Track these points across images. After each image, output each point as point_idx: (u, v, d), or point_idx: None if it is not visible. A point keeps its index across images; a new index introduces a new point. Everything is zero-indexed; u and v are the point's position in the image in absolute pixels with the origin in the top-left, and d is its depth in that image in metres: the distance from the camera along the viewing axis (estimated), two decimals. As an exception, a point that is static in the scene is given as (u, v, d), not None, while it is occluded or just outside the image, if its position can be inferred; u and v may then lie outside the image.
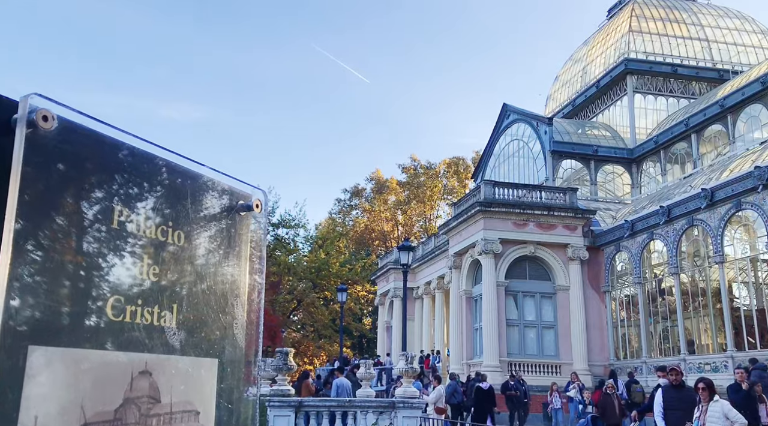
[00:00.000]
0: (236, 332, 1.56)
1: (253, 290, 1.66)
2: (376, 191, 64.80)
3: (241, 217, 1.61)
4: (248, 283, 1.64)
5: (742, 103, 27.38)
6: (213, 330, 1.47)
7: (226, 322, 1.53)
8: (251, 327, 1.63)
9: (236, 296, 1.57)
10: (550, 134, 33.25)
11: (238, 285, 1.58)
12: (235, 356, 1.55)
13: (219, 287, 1.52)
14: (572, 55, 43.29)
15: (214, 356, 1.48)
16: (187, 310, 1.40)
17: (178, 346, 1.36)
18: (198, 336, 1.43)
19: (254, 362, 1.65)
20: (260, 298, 1.67)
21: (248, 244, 1.64)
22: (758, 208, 19.57)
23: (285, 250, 50.81)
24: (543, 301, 26.64)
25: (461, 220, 28.08)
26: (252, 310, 1.64)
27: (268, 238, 11.44)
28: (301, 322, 54.78)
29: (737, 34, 36.92)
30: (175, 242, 1.40)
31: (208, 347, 1.46)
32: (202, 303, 1.45)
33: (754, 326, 20.30)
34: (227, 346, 1.52)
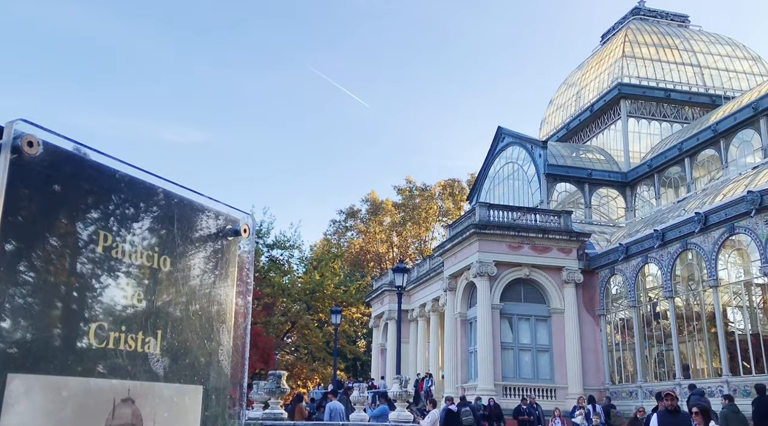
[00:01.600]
0: (222, 358, 1.54)
1: (239, 315, 1.65)
2: (372, 212, 64.83)
3: (228, 242, 1.61)
4: (235, 308, 1.63)
5: (735, 129, 27.62)
6: (198, 356, 1.46)
7: (211, 348, 1.52)
8: (237, 353, 1.62)
9: (222, 322, 1.56)
10: (545, 157, 33.42)
11: (224, 310, 1.57)
12: (220, 383, 1.54)
13: (205, 313, 1.51)
14: (566, 79, 43.71)
15: (198, 383, 1.46)
16: (172, 337, 1.39)
17: (162, 373, 1.35)
18: (183, 363, 1.42)
19: (240, 389, 1.64)
20: (246, 323, 1.67)
21: (235, 269, 1.63)
22: (751, 232, 19.64)
23: (279, 271, 50.59)
24: (538, 324, 26.54)
25: (456, 242, 28.07)
26: (238, 336, 1.63)
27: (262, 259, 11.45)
28: (295, 344, 54.34)
29: (729, 61, 37.39)
30: (162, 268, 1.39)
31: (193, 374, 1.45)
32: (188, 329, 1.44)
33: (748, 351, 20.24)
34: (212, 372, 1.51)
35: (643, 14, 40.99)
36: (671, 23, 40.52)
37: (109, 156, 1.30)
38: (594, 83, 38.56)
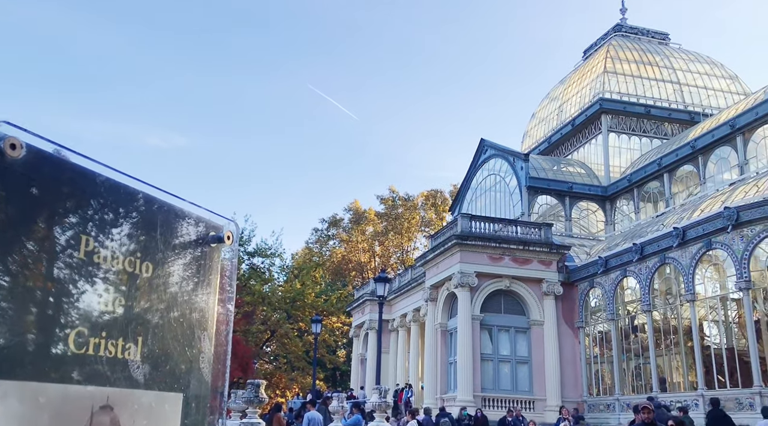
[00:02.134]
0: (203, 366, 1.53)
1: (221, 323, 1.64)
2: (354, 222, 64.76)
3: (211, 248, 1.60)
4: (217, 315, 1.61)
5: (712, 145, 28.08)
6: (179, 363, 1.45)
7: (192, 355, 1.50)
8: (218, 360, 1.60)
9: (204, 329, 1.55)
10: (527, 170, 33.69)
11: (206, 318, 1.56)
12: (200, 391, 1.52)
13: (187, 320, 1.50)
14: (549, 94, 44.17)
15: (179, 391, 1.45)
16: (153, 343, 1.38)
17: (141, 379, 1.33)
18: (163, 370, 1.40)
19: (220, 397, 1.62)
20: (228, 331, 1.65)
21: (217, 276, 1.62)
22: (728, 248, 19.93)
23: (260, 279, 50.24)
24: (517, 336, 26.63)
25: (438, 253, 28.13)
26: (219, 344, 1.62)
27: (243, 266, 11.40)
28: (274, 353, 53.93)
29: (707, 79, 38.06)
30: (143, 274, 1.38)
31: (173, 381, 1.43)
32: (169, 336, 1.43)
33: (723, 365, 20.48)
34: (193, 380, 1.49)
35: (624, 31, 41.63)
36: (652, 41, 41.18)
37: (90, 159, 1.28)
38: (576, 98, 39.01)
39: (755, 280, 19.48)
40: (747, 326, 19.45)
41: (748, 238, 19.30)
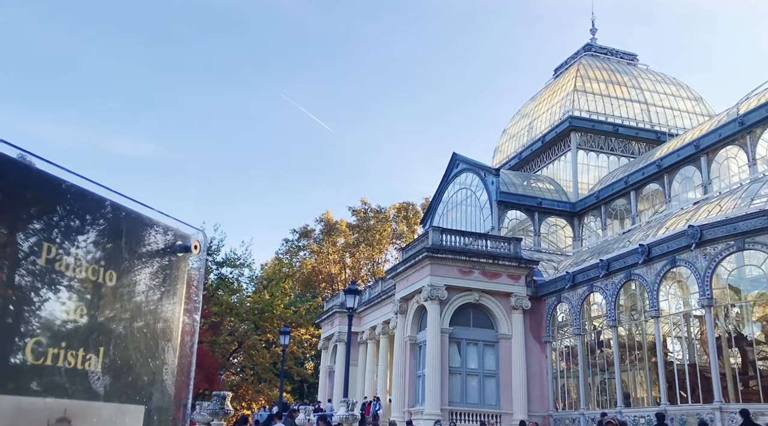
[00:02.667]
0: (166, 378, 1.50)
1: (186, 334, 1.61)
2: (326, 233, 64.49)
3: (178, 257, 1.57)
4: (182, 326, 1.59)
5: (678, 165, 28.73)
6: (141, 375, 1.42)
7: (155, 366, 1.47)
8: (182, 372, 1.57)
9: (168, 340, 1.52)
10: (497, 185, 34.02)
11: (170, 328, 1.53)
12: (163, 403, 1.49)
13: (151, 330, 1.47)
14: (520, 110, 44.77)
15: (140, 403, 1.42)
16: (115, 354, 1.35)
17: (102, 391, 1.30)
18: (124, 381, 1.37)
19: (184, 410, 1.59)
20: (193, 342, 1.63)
21: (184, 286, 1.59)
22: (691, 265, 20.34)
23: (228, 289, 49.64)
24: (486, 350, 26.72)
25: (409, 265, 28.15)
26: (184, 355, 1.59)
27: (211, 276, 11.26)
28: (241, 364, 53.22)
29: (673, 99, 39.03)
30: (107, 282, 1.35)
31: (135, 393, 1.40)
32: (132, 346, 1.40)
33: (686, 381, 20.82)
34: (155, 392, 1.46)
35: (594, 51, 42.49)
36: (621, 61, 42.11)
37: (56, 165, 1.26)
38: (546, 115, 39.60)
39: (717, 297, 19.90)
40: (709, 343, 19.83)
41: (711, 256, 19.73)
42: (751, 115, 24.99)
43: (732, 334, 20.20)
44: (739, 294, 20.26)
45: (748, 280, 19.99)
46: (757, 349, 19.81)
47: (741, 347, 20.41)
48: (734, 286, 20.34)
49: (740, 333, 20.45)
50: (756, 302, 20.12)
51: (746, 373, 20.02)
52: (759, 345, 20.02)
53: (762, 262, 18.97)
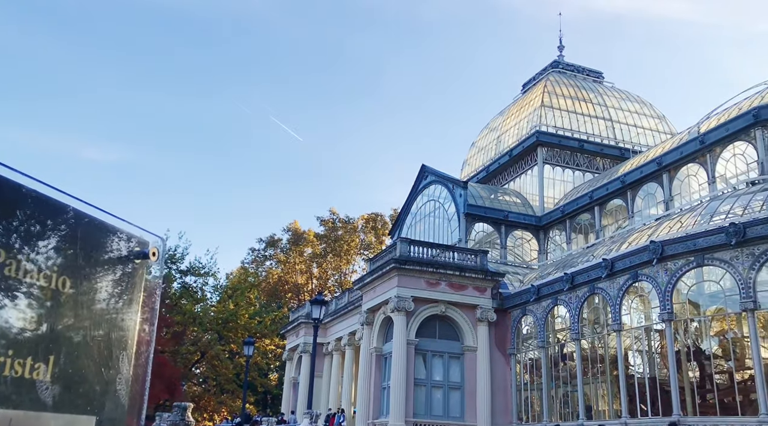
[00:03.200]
0: (119, 388, 1.46)
1: (143, 343, 1.57)
2: (293, 242, 64.06)
3: (136, 265, 1.54)
4: (138, 335, 1.55)
5: (640, 181, 29.35)
6: (93, 385, 1.37)
7: (109, 376, 1.43)
8: (137, 382, 1.53)
9: (123, 349, 1.48)
10: (465, 197, 34.28)
11: (126, 337, 1.49)
12: (116, 414, 1.45)
13: (105, 339, 1.43)
14: (488, 124, 45.28)
15: (92, 414, 1.37)
16: (66, 363, 1.30)
17: (50, 402, 1.26)
18: (75, 391, 1.33)
19: (138, 420, 1.55)
20: (150, 351, 1.59)
21: (141, 294, 1.56)
22: (652, 280, 20.75)
23: (192, 298, 48.91)
24: (451, 362, 26.78)
25: (376, 276, 28.11)
26: (139, 364, 1.55)
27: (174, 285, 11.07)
28: (204, 375, 52.36)
29: (637, 117, 39.96)
30: (61, 289, 1.31)
31: (86, 404, 1.36)
32: (84, 355, 1.36)
33: (646, 394, 21.16)
34: (108, 402, 1.42)
35: (561, 67, 43.30)
36: (587, 78, 42.97)
37: (14, 170, 1.22)
38: (514, 129, 40.14)
39: (677, 312, 20.32)
40: (668, 357, 20.21)
41: (672, 271, 20.16)
42: (711, 134, 25.70)
43: (691, 348, 20.63)
44: (698, 309, 20.72)
45: (707, 296, 20.47)
46: (715, 363, 20.26)
47: (699, 361, 20.86)
48: (693, 301, 20.80)
49: (699, 347, 20.90)
50: (714, 317, 20.61)
51: (704, 387, 20.45)
52: (716, 359, 20.48)
53: (720, 277, 19.45)
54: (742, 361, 19.61)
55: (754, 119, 23.56)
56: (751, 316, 18.07)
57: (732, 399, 18.81)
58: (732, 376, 19.35)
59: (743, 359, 19.58)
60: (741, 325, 19.34)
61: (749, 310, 18.03)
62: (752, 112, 23.71)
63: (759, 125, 23.53)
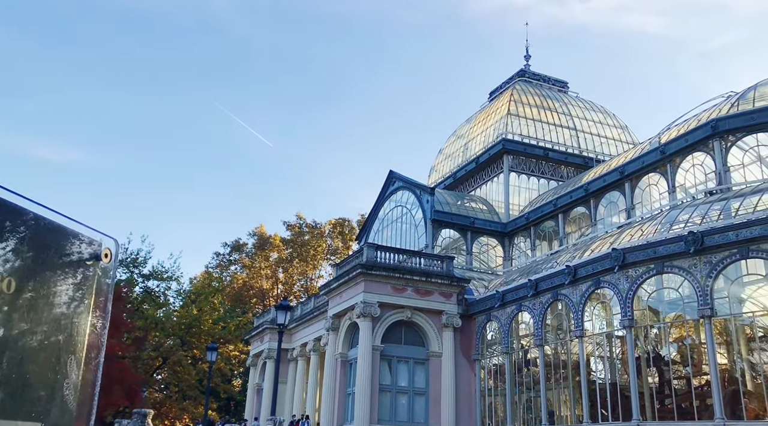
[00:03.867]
0: (67, 393, 1.41)
1: (93, 347, 1.53)
2: (258, 247, 63.46)
3: (87, 266, 1.49)
4: (88, 338, 1.50)
5: (603, 190, 29.91)
6: (38, 390, 1.33)
7: (55, 381, 1.38)
8: (86, 387, 1.49)
9: (72, 353, 1.43)
10: (432, 203, 34.46)
11: (75, 341, 1.45)
12: (63, 420, 1.40)
13: (53, 343, 1.38)
14: (456, 131, 45.66)
15: (37, 420, 1.33)
16: (9, 368, 1.26)
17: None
18: (19, 397, 1.28)
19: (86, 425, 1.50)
20: (100, 355, 1.54)
21: (93, 296, 1.51)
22: (614, 287, 21.13)
23: (154, 303, 48.04)
24: (416, 367, 26.82)
25: (342, 282, 28.02)
26: (89, 369, 1.50)
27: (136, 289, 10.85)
28: (166, 381, 51.40)
29: (601, 127, 40.76)
30: (5, 290, 1.26)
31: (31, 410, 1.31)
32: (29, 360, 1.31)
33: (607, 399, 21.50)
34: (54, 408, 1.37)
35: (528, 77, 43.94)
36: (552, 88, 43.69)
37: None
38: (481, 137, 40.54)
39: (638, 318, 20.73)
40: (629, 362, 20.59)
41: (633, 278, 20.57)
42: (672, 144, 26.35)
43: (651, 354, 21.05)
44: (658, 315, 21.17)
45: (667, 303, 20.92)
46: (673, 368, 20.71)
47: (658, 367, 21.30)
48: (653, 308, 21.24)
49: (658, 353, 21.34)
50: (673, 324, 21.07)
51: (663, 392, 20.88)
52: (675, 365, 20.93)
53: (679, 285, 19.90)
54: (699, 366, 20.08)
55: (713, 131, 24.23)
56: (708, 323, 18.53)
57: (689, 404, 19.23)
58: (689, 382, 19.81)
59: (700, 365, 20.06)
60: (699, 331, 19.81)
61: (706, 317, 18.49)
62: (710, 123, 24.39)
63: (717, 137, 24.20)
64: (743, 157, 23.97)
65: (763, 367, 18.36)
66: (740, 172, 23.88)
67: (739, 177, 23.78)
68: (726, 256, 18.34)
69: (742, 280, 18.87)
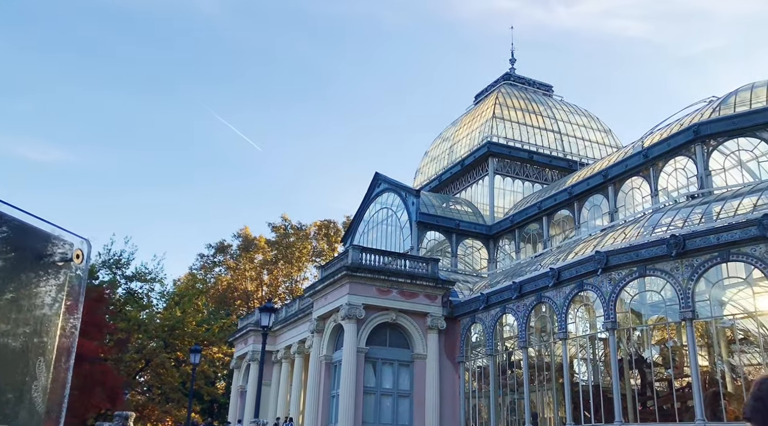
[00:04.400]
0: (35, 396, 1.39)
1: (63, 349, 1.51)
2: (243, 249, 63.15)
3: (58, 267, 1.47)
4: (58, 341, 1.48)
5: (587, 193, 30.12)
6: (5, 393, 1.31)
7: (24, 384, 1.36)
8: (56, 389, 1.47)
9: (41, 354, 1.41)
10: (417, 206, 34.51)
11: (45, 343, 1.43)
12: (31, 422, 1.38)
13: (21, 344, 1.36)
14: (441, 134, 45.77)
15: (4, 422, 1.31)
16: (-25, 370, 1.24)
17: (-44, 411, 1.19)
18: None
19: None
20: (70, 358, 1.52)
21: (63, 298, 1.49)
22: (597, 289, 21.28)
23: (137, 305, 47.62)
24: (401, 370, 26.83)
25: (327, 284, 27.96)
26: (60, 371, 1.48)
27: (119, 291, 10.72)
28: (148, 383, 50.95)
29: (585, 130, 41.06)
30: (-28, 291, 1.24)
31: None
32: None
33: (590, 401, 21.64)
34: (22, 411, 1.35)
35: (513, 80, 44.17)
36: (537, 91, 43.95)
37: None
38: (466, 140, 40.68)
39: (620, 321, 20.89)
40: (612, 365, 20.73)
41: (615, 281, 20.73)
42: (654, 148, 26.60)
43: (633, 356, 21.22)
44: (641, 318, 21.35)
45: (649, 305, 21.11)
46: (655, 370, 20.89)
47: (641, 369, 21.47)
48: (636, 311, 21.42)
49: (640, 355, 21.52)
50: (655, 326, 21.27)
51: (645, 394, 21.05)
52: (657, 367, 21.12)
53: (661, 287, 20.09)
54: (680, 369, 20.28)
55: (695, 135, 24.49)
56: (689, 326, 18.72)
57: (670, 406, 19.40)
58: (671, 384, 19.98)
59: (682, 367, 20.26)
60: (680, 334, 20.01)
61: (688, 319, 18.67)
62: (693, 128, 24.65)
63: (699, 141, 24.47)
64: (724, 161, 24.25)
65: (743, 369, 18.58)
66: (721, 176, 24.15)
67: (720, 181, 24.05)
68: (707, 259, 18.54)
69: (722, 283, 19.09)
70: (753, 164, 23.78)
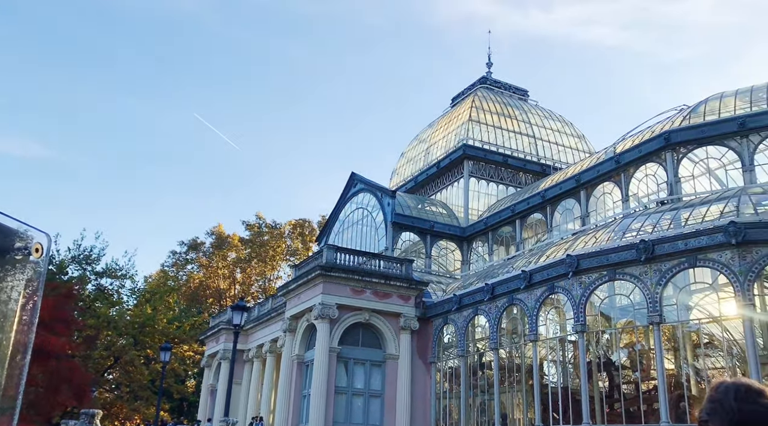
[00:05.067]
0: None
1: (19, 346, 1.48)
2: (216, 246, 62.57)
3: (14, 261, 1.45)
4: (14, 337, 1.46)
5: (559, 197, 30.46)
6: (-44, 390, 1.28)
7: (-24, 380, 1.34)
8: (10, 387, 1.44)
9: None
10: (393, 206, 34.54)
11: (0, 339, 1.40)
12: (-17, 421, 1.36)
13: (-26, 340, 1.34)
14: (418, 135, 45.89)
15: (-46, 420, 1.28)
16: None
17: None
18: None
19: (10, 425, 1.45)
20: (26, 358, 1.49)
21: (21, 293, 1.47)
22: (568, 292, 21.53)
23: (107, 302, 46.89)
24: (373, 370, 26.84)
25: (301, 283, 27.84)
26: (14, 369, 1.46)
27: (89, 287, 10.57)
28: (117, 381, 50.21)
29: (558, 135, 41.52)
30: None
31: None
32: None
33: (559, 403, 21.89)
34: (-26, 408, 1.33)
35: (489, 84, 44.48)
36: (513, 95, 44.32)
37: None
38: (442, 142, 40.86)
39: (590, 324, 21.17)
40: (580, 367, 21.00)
41: (585, 284, 21.00)
42: (626, 154, 27.00)
43: (602, 359, 21.53)
44: (610, 321, 21.66)
45: (618, 309, 21.42)
46: (623, 373, 21.22)
47: (609, 372, 21.79)
48: (605, 314, 21.72)
49: (609, 358, 21.84)
50: (624, 330, 21.59)
51: (612, 396, 21.37)
52: (624, 370, 21.45)
53: (630, 291, 20.40)
54: (647, 372, 20.62)
55: (665, 142, 24.93)
56: (656, 330, 19.04)
57: (637, 408, 19.72)
58: (638, 387, 20.31)
59: (648, 370, 20.60)
60: (648, 337, 20.34)
61: (655, 323, 18.99)
62: (664, 135, 25.09)
63: (669, 148, 24.91)
64: (693, 168, 24.72)
65: (708, 373, 18.97)
66: (690, 183, 24.62)
67: (689, 188, 24.51)
68: (675, 264, 18.88)
69: (689, 288, 19.45)
70: (721, 172, 24.28)
